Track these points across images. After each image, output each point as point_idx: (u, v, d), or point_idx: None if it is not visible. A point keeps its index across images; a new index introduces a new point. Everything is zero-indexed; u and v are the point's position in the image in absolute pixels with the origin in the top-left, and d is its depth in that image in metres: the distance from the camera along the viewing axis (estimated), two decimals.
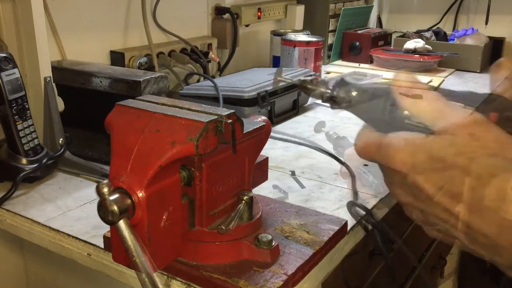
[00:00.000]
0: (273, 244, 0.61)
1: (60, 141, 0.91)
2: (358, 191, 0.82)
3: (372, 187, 0.83)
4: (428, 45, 1.79)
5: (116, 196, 0.50)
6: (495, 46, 1.92)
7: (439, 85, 1.62)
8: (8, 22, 0.90)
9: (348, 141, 0.94)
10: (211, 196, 0.58)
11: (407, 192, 0.42)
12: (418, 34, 1.95)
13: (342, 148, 0.94)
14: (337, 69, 1.81)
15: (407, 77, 0.46)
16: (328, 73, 1.73)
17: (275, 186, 0.84)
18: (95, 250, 0.68)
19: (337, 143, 0.96)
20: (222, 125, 0.53)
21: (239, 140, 0.56)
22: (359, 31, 1.96)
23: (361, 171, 0.86)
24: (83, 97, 1.00)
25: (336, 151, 0.96)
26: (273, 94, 1.19)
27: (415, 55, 1.76)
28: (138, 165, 0.51)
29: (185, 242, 0.59)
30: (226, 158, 0.59)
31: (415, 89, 0.44)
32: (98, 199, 0.49)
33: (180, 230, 0.57)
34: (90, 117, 0.84)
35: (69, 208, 0.78)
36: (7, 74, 0.80)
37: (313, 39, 1.51)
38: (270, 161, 0.72)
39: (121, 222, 0.49)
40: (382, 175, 0.45)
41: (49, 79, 0.90)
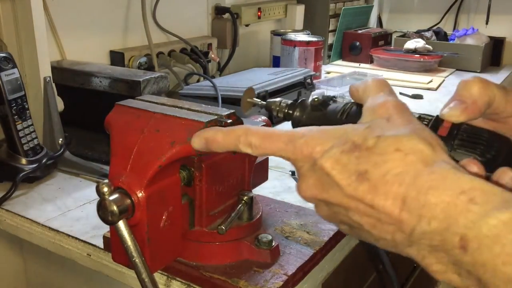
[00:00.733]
0: (273, 244, 0.61)
1: (60, 141, 0.90)
2: None
3: None
4: (428, 45, 1.79)
5: (115, 196, 0.50)
6: (495, 46, 1.92)
7: (439, 85, 1.62)
8: (7, 22, 0.90)
9: None
10: (211, 196, 0.58)
11: (315, 184, 0.40)
12: (419, 34, 1.95)
13: None
14: (337, 69, 1.81)
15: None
16: (328, 73, 1.73)
17: (275, 186, 0.84)
18: (94, 250, 0.67)
19: None
20: (222, 125, 0.53)
21: None
22: (359, 31, 1.96)
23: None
24: (83, 97, 1.00)
25: None
26: (273, 94, 1.18)
27: (416, 55, 1.76)
28: (138, 165, 0.51)
29: (185, 242, 0.58)
30: (226, 158, 0.59)
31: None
32: (97, 199, 0.49)
33: (180, 230, 0.57)
34: (90, 117, 0.84)
35: (68, 208, 0.78)
36: (6, 74, 0.80)
37: (313, 39, 1.51)
38: (270, 161, 0.71)
39: (121, 222, 0.49)
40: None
41: (48, 79, 0.90)
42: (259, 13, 1.69)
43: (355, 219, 0.38)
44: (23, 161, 0.84)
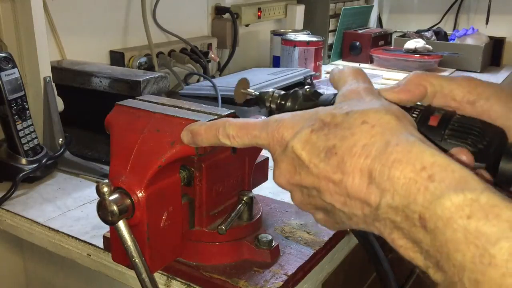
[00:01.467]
0: (273, 244, 0.61)
1: (60, 141, 0.90)
2: None
3: None
4: (428, 45, 1.79)
5: (115, 196, 0.50)
6: (495, 46, 1.92)
7: None
8: (7, 22, 0.90)
9: None
10: (211, 196, 0.58)
11: (288, 169, 0.40)
12: (419, 34, 1.95)
13: None
14: None
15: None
16: (328, 73, 1.73)
17: (275, 186, 0.84)
18: (94, 250, 0.67)
19: None
20: None
21: None
22: (359, 31, 1.96)
23: None
24: (83, 97, 1.00)
25: None
26: None
27: (416, 55, 1.76)
28: (138, 165, 0.51)
29: (185, 242, 0.58)
30: (226, 158, 0.59)
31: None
32: (97, 199, 0.49)
33: (180, 230, 0.57)
34: (90, 117, 0.84)
35: (68, 208, 0.78)
36: (6, 74, 0.80)
37: (313, 39, 1.51)
38: (270, 161, 0.71)
39: (121, 222, 0.49)
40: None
41: (48, 79, 0.90)
42: (259, 13, 1.69)
43: (327, 200, 0.38)
44: (23, 161, 0.84)
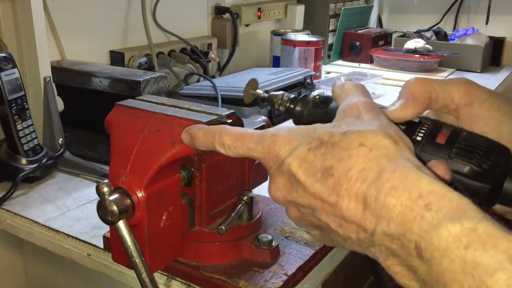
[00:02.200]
0: (273, 244, 0.61)
1: (60, 141, 0.90)
2: None
3: None
4: (428, 45, 1.79)
5: (115, 196, 0.50)
6: (495, 46, 1.92)
7: None
8: (7, 22, 0.90)
9: None
10: (211, 196, 0.58)
11: (284, 185, 0.39)
12: (419, 34, 1.95)
13: None
14: (337, 69, 1.81)
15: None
16: (328, 73, 1.73)
17: None
18: (94, 250, 0.67)
19: None
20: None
21: None
22: (359, 31, 1.96)
23: None
24: (83, 97, 1.00)
25: None
26: None
27: (416, 55, 1.76)
28: (138, 165, 0.51)
29: (185, 242, 0.58)
30: (226, 158, 0.58)
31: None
32: (97, 199, 0.49)
33: (180, 230, 0.57)
34: (90, 117, 0.84)
35: (68, 208, 0.78)
36: (6, 74, 0.80)
37: (313, 39, 1.51)
38: None
39: (121, 222, 0.49)
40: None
41: (48, 79, 0.90)
42: (259, 13, 1.69)
43: (322, 219, 0.38)
44: (23, 161, 0.84)
